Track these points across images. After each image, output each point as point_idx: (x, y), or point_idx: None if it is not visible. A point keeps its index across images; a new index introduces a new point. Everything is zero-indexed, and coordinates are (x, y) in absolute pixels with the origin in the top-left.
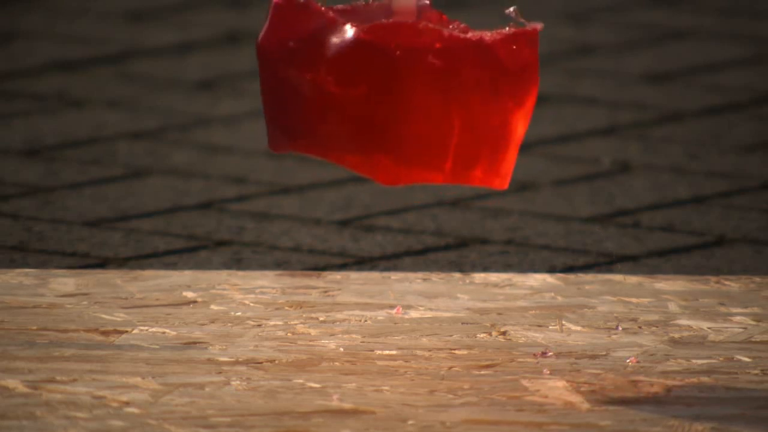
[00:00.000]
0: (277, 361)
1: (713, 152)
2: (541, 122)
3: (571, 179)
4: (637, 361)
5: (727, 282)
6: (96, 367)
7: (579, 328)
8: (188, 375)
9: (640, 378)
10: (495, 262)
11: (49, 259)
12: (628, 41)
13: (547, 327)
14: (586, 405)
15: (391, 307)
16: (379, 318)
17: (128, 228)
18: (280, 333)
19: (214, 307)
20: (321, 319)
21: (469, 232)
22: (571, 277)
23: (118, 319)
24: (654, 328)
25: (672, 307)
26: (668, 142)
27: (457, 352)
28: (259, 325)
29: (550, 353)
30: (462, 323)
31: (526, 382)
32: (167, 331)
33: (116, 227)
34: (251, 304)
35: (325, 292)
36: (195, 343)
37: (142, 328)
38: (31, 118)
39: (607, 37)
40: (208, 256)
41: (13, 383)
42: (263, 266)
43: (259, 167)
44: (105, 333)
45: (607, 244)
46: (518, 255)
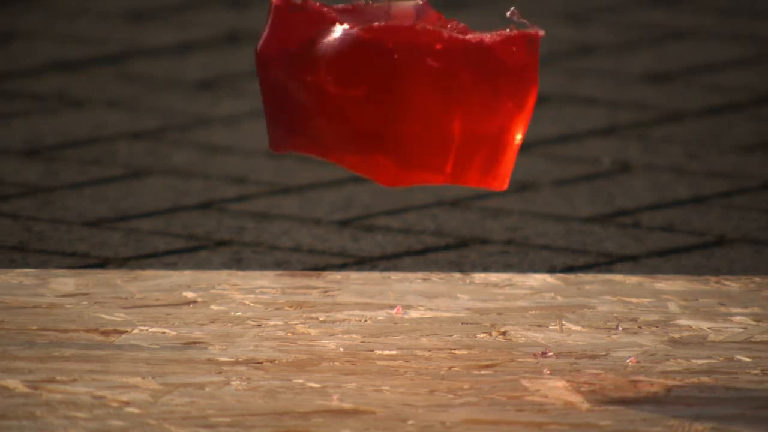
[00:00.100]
0: (277, 361)
1: (713, 152)
2: (541, 122)
3: (571, 179)
4: (637, 361)
5: (727, 282)
6: (96, 367)
7: (579, 328)
8: (188, 375)
9: (640, 378)
10: (495, 262)
11: (49, 259)
12: (628, 41)
13: (547, 327)
14: (586, 405)
15: (391, 307)
16: (379, 318)
17: (128, 228)
18: (280, 333)
19: (214, 307)
20: (321, 319)
21: (469, 232)
22: (571, 277)
23: (118, 319)
24: (654, 328)
25: (672, 307)
26: (668, 142)
27: (457, 352)
28: (259, 325)
29: (550, 353)
30: (462, 323)
31: (526, 382)
32: (167, 331)
33: (116, 227)
34: (251, 304)
35: (325, 292)
36: (195, 343)
37: (142, 328)
38: (31, 118)
39: (607, 37)
40: (208, 256)
41: (13, 383)
42: (263, 266)
43: (259, 167)
44: (105, 333)
45: (607, 244)
46: (518, 255)
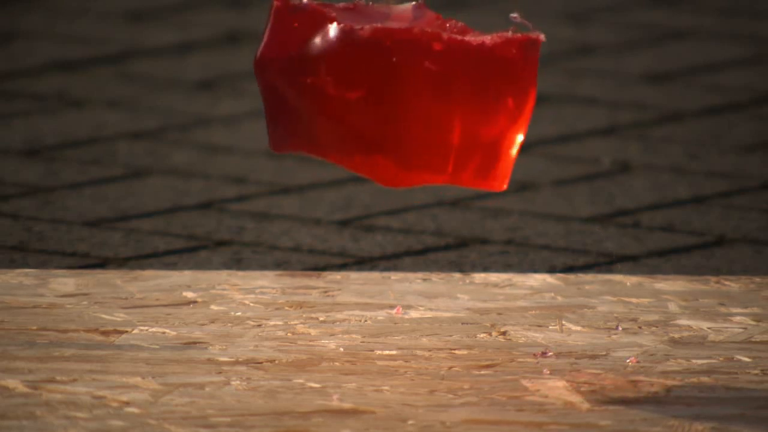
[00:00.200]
0: (277, 361)
1: (713, 152)
2: (541, 122)
3: (571, 179)
4: (637, 361)
5: (727, 282)
6: (96, 367)
7: (579, 328)
8: (188, 375)
9: (640, 378)
10: (495, 262)
11: (49, 259)
12: (628, 41)
13: (547, 327)
14: (586, 405)
15: (391, 307)
16: (379, 318)
17: (128, 228)
18: (280, 333)
19: (214, 307)
20: (321, 319)
21: (469, 232)
22: (571, 277)
23: (118, 319)
24: (654, 328)
25: (672, 307)
26: (668, 142)
27: (457, 352)
28: (259, 325)
29: (550, 353)
30: (462, 323)
31: (526, 382)
32: (167, 331)
33: (116, 227)
34: (251, 304)
35: (325, 292)
36: (195, 343)
37: (142, 328)
38: (31, 118)
39: (607, 37)
40: (208, 256)
41: (13, 383)
42: (263, 266)
43: (259, 167)
44: (105, 333)
45: (607, 244)
46: (518, 255)
